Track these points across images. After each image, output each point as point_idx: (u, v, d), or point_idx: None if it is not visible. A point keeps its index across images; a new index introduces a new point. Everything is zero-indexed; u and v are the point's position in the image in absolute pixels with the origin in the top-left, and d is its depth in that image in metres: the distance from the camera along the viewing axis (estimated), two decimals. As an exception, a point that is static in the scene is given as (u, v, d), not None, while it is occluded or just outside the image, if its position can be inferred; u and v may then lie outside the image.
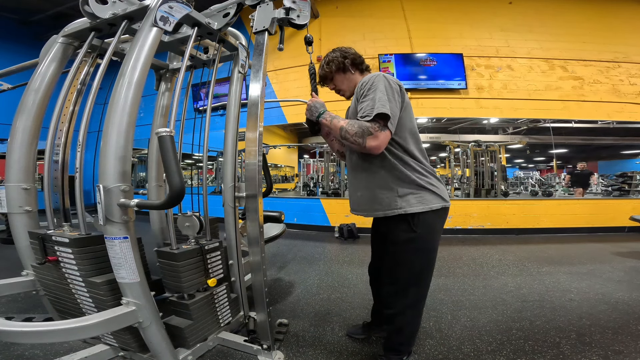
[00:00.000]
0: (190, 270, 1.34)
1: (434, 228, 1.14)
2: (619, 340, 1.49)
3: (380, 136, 1.02)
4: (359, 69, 1.29)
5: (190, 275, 1.34)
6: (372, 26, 4.92)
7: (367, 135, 1.02)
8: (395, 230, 1.14)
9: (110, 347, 1.32)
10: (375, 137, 1.02)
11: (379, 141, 1.03)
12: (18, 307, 1.84)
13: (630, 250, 3.26)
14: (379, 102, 1.02)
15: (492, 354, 1.40)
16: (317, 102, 1.24)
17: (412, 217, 1.10)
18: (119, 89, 1.10)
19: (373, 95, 1.04)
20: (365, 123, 1.03)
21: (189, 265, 1.34)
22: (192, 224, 1.41)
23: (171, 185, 0.98)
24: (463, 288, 2.23)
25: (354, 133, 1.05)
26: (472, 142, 5.03)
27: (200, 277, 1.39)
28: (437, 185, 1.15)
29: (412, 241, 1.12)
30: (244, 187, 1.37)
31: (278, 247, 3.58)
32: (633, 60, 4.68)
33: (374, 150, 1.04)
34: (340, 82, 1.30)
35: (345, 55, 1.26)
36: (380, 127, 1.02)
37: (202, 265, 1.41)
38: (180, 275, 1.30)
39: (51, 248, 1.23)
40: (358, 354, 1.42)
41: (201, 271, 1.40)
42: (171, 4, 1.27)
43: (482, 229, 4.34)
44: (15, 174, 1.36)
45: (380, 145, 1.04)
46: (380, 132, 1.02)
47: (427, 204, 1.10)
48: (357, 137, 1.04)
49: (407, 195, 1.10)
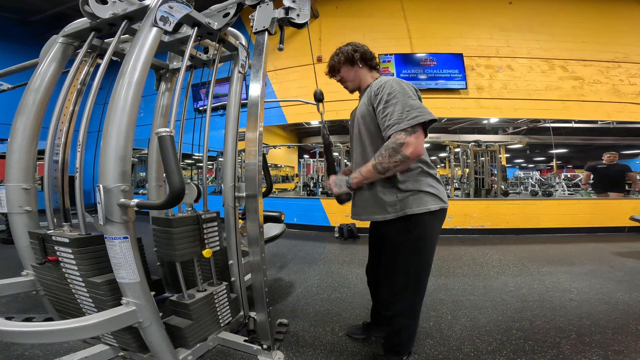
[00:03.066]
0: (185, 238, 1.33)
1: (432, 229, 1.14)
2: (619, 340, 1.49)
3: (412, 139, 0.99)
4: (367, 65, 1.29)
5: (185, 244, 1.33)
6: (372, 26, 4.92)
7: (400, 147, 1.00)
8: (392, 231, 1.14)
9: (110, 347, 1.32)
10: (409, 144, 0.99)
11: (415, 144, 0.99)
12: (18, 307, 1.84)
13: (630, 250, 3.26)
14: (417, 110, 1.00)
15: (492, 354, 1.40)
16: (337, 178, 1.23)
17: (410, 218, 1.10)
18: (119, 89, 1.10)
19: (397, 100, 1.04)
20: (390, 140, 1.01)
21: (184, 232, 1.33)
22: (190, 191, 1.40)
23: (171, 185, 0.98)
24: (463, 288, 2.23)
25: (389, 157, 1.01)
26: (472, 142, 5.03)
27: (195, 247, 1.38)
28: (436, 186, 1.14)
29: (409, 242, 1.12)
30: (244, 187, 1.37)
31: (278, 247, 3.58)
32: (633, 60, 4.68)
33: (416, 155, 1.01)
34: (346, 74, 1.30)
35: (356, 49, 1.27)
36: (408, 133, 1.00)
37: (198, 235, 1.40)
38: (175, 243, 1.29)
39: (51, 248, 1.23)
40: (358, 354, 1.41)
41: (196, 240, 1.39)
42: (171, 4, 1.27)
43: (482, 229, 4.34)
44: (15, 174, 1.36)
45: (417, 147, 0.99)
46: (410, 136, 0.99)
47: (425, 205, 1.10)
48: (393, 157, 1.01)
49: (406, 198, 1.10)
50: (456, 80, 4.54)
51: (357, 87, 1.33)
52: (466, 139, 5.08)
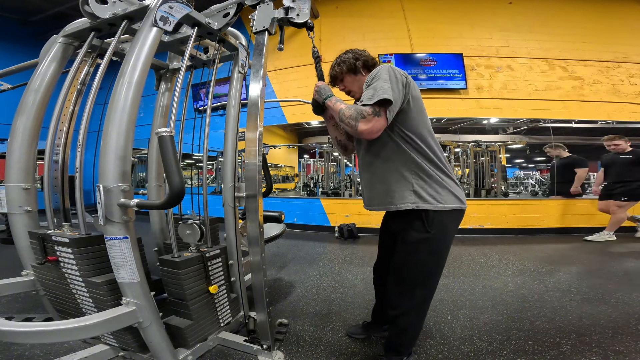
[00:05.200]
0: (192, 277, 1.34)
1: (448, 229, 1.12)
2: (619, 340, 1.49)
3: (372, 121, 1.01)
4: (370, 71, 1.27)
5: (192, 282, 1.35)
6: (372, 26, 4.92)
7: (361, 118, 1.01)
8: (408, 229, 1.12)
9: (110, 347, 1.32)
10: (367, 121, 1.01)
11: (371, 125, 1.01)
12: (18, 307, 1.84)
13: (630, 250, 3.26)
14: (380, 90, 1.01)
15: (492, 354, 1.40)
16: (325, 86, 1.25)
17: (427, 215, 1.07)
18: (119, 89, 1.10)
19: (375, 83, 1.04)
20: (361, 107, 1.03)
21: (191, 272, 1.34)
22: (193, 232, 1.41)
23: (171, 186, 0.98)
24: (463, 288, 2.23)
25: (349, 115, 1.05)
26: (472, 142, 5.03)
27: (202, 284, 1.40)
28: (455, 186, 1.14)
29: (425, 242, 1.10)
30: (244, 187, 1.37)
31: (278, 247, 3.57)
32: (633, 60, 4.68)
33: (366, 134, 1.03)
34: (351, 83, 1.29)
35: (357, 57, 1.26)
36: (374, 113, 1.00)
37: (204, 272, 1.41)
38: (183, 283, 1.31)
39: (51, 248, 1.23)
40: (358, 354, 1.41)
41: (202, 278, 1.40)
42: (171, 4, 1.27)
43: (482, 229, 4.33)
44: (15, 174, 1.36)
45: (372, 130, 1.02)
46: (374, 117, 1.00)
47: (443, 202, 1.08)
48: (351, 119, 1.04)
49: (423, 191, 1.08)
50: (456, 80, 4.54)
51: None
52: (466, 139, 5.08)
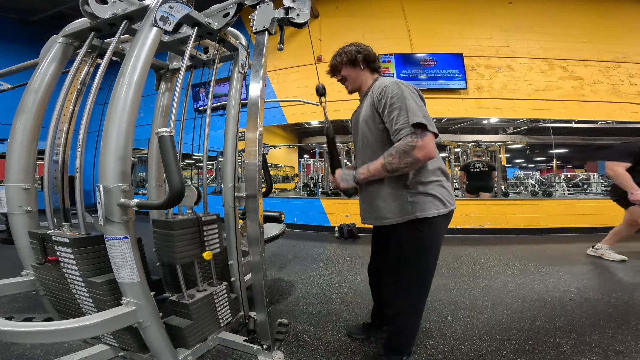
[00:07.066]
0: (185, 240, 1.33)
1: (439, 228, 1.14)
2: (619, 340, 1.49)
3: (424, 142, 1.00)
4: (369, 67, 1.29)
5: (185, 246, 1.33)
6: (372, 26, 4.92)
7: (412, 150, 1.00)
8: (400, 230, 1.14)
9: (110, 347, 1.32)
10: (421, 147, 1.00)
11: (427, 148, 1.00)
12: (18, 307, 1.84)
13: (630, 250, 3.25)
14: (411, 112, 1.01)
15: (492, 354, 1.40)
16: (343, 172, 1.24)
17: (420, 219, 1.10)
18: (119, 89, 1.10)
19: (401, 104, 1.04)
20: (401, 142, 1.02)
21: (185, 235, 1.33)
22: (190, 193, 1.40)
23: (171, 185, 0.98)
24: (463, 288, 2.23)
25: (399, 158, 1.02)
26: (472, 142, 5.03)
27: (196, 249, 1.38)
28: (447, 187, 1.15)
29: (416, 241, 1.12)
30: (244, 187, 1.37)
31: (278, 247, 3.57)
32: (633, 60, 4.68)
33: (427, 157, 1.02)
34: (348, 74, 1.30)
35: (359, 50, 1.26)
36: (419, 135, 1.00)
37: (198, 237, 1.40)
38: (175, 245, 1.29)
39: (51, 248, 1.23)
40: (358, 354, 1.41)
41: (196, 242, 1.39)
42: (171, 4, 1.27)
43: (482, 229, 4.33)
44: (15, 174, 1.36)
45: (430, 150, 1.01)
46: (422, 139, 1.00)
47: (436, 209, 1.10)
48: (404, 159, 1.02)
49: (417, 201, 1.10)
50: (456, 80, 4.54)
51: (357, 89, 1.33)
52: (466, 139, 5.08)
